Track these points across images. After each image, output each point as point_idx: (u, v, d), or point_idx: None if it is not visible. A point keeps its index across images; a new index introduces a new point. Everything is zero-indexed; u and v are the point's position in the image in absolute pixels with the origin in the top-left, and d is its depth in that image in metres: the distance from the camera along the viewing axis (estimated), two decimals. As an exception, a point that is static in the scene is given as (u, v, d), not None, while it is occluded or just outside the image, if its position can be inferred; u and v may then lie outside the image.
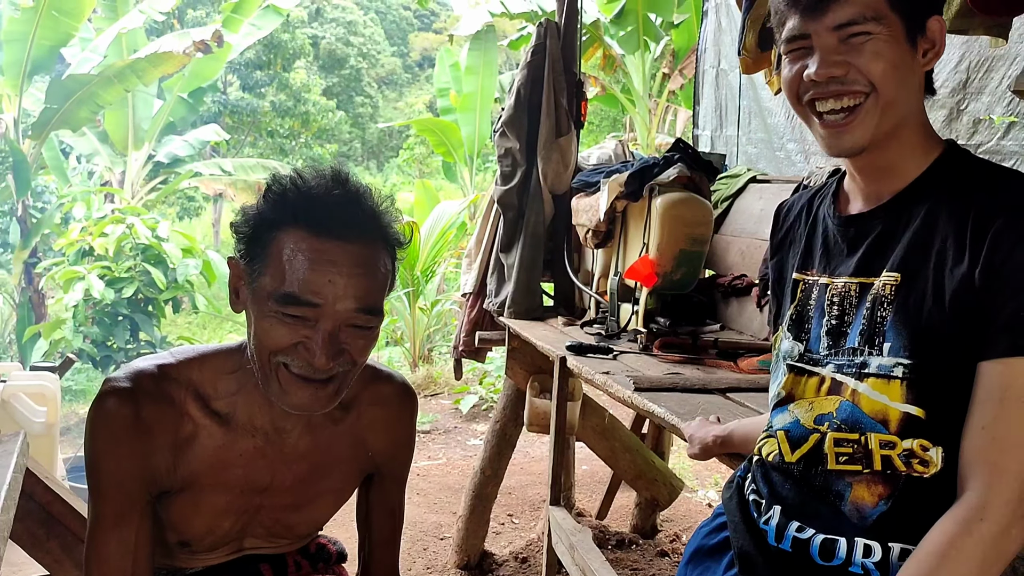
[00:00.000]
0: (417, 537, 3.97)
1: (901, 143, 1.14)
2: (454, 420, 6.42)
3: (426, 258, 8.00)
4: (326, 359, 1.16)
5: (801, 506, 1.16)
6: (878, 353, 1.10)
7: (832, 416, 1.14)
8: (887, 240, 1.14)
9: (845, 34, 1.10)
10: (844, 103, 1.11)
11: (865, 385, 1.11)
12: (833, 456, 1.13)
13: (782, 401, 1.24)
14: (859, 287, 1.16)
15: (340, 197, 1.19)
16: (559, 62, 3.46)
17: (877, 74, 1.09)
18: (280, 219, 1.17)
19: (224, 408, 1.28)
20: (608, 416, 3.62)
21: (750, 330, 2.90)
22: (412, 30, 30.87)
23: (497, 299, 3.51)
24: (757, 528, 1.22)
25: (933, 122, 2.63)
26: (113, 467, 1.22)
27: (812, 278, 1.25)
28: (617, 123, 14.35)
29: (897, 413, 1.08)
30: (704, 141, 4.43)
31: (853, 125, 1.11)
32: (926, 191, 1.13)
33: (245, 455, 1.29)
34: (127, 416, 1.21)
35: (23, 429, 2.23)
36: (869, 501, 1.10)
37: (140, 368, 1.26)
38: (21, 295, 8.04)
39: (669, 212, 2.69)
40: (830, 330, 1.19)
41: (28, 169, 7.71)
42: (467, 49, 10.39)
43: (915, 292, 1.08)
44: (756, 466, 1.27)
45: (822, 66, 1.11)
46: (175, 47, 7.62)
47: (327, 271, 1.15)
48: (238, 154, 15.27)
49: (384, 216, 1.23)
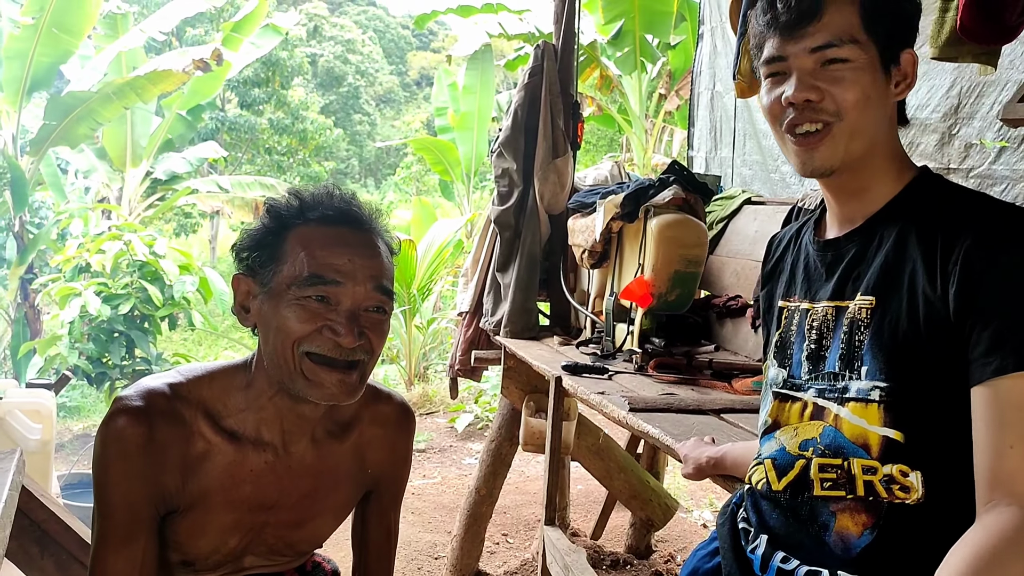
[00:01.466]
0: (412, 556, 3.96)
1: (872, 168, 1.16)
2: (449, 439, 6.42)
3: (423, 276, 8.01)
4: (352, 337, 1.20)
5: (787, 536, 1.17)
6: (856, 377, 1.11)
7: (816, 441, 1.15)
8: (859, 263, 1.16)
9: (822, 58, 1.12)
10: (817, 126, 1.13)
11: (846, 410, 1.12)
12: (818, 482, 1.13)
13: (769, 429, 1.25)
14: (835, 311, 1.17)
15: (340, 198, 1.30)
16: (556, 84, 3.49)
17: (849, 103, 1.11)
18: (288, 222, 1.26)
19: (234, 425, 1.30)
20: (603, 436, 3.62)
21: (745, 351, 2.92)
22: (410, 49, 31.06)
23: (493, 318, 3.53)
24: (744, 556, 1.22)
25: (925, 146, 2.68)
26: (123, 486, 1.22)
27: (794, 304, 1.26)
28: (614, 143, 14.41)
29: (876, 437, 1.08)
30: (699, 163, 4.46)
31: (823, 145, 1.13)
32: (897, 214, 1.14)
33: (255, 471, 1.30)
34: (139, 435, 1.21)
35: (19, 446, 2.23)
36: (854, 531, 1.09)
37: (151, 387, 1.26)
38: (17, 311, 8.02)
39: (664, 233, 2.72)
40: (810, 354, 1.19)
41: (26, 185, 7.72)
42: (465, 69, 10.45)
43: (889, 315, 1.09)
44: (747, 494, 1.28)
45: (798, 88, 1.13)
46: (174, 65, 7.66)
47: (344, 252, 1.23)
48: (236, 171, 15.29)
49: (379, 216, 1.33)
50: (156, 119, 9.31)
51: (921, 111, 2.70)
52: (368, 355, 1.26)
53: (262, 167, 16.34)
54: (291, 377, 1.23)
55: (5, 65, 7.70)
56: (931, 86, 2.68)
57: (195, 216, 14.54)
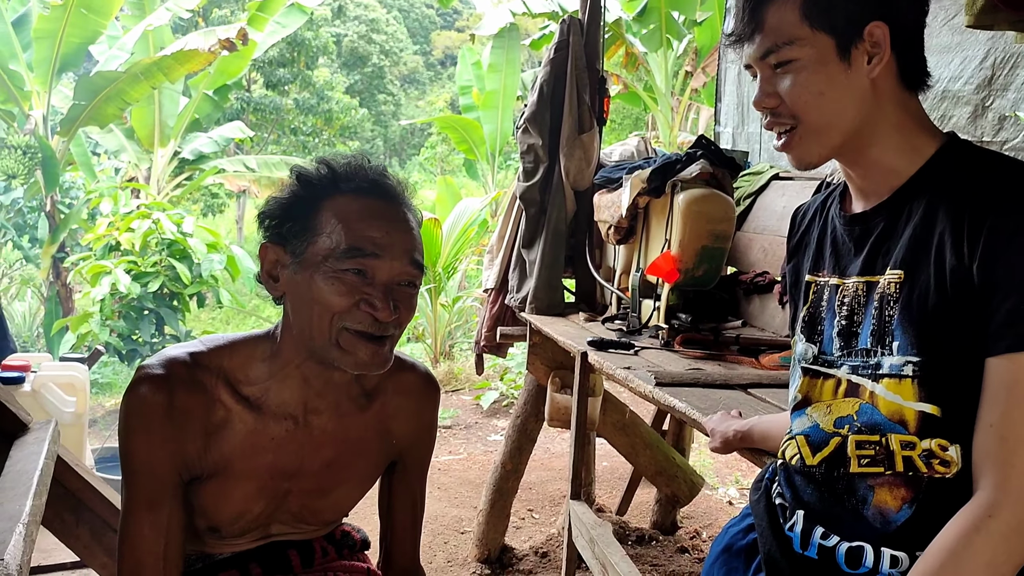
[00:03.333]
0: (438, 531, 4.00)
1: (877, 146, 1.14)
2: (475, 416, 6.45)
3: (447, 255, 8.03)
4: (388, 311, 1.21)
5: (823, 511, 1.16)
6: (888, 352, 1.10)
7: (853, 419, 1.13)
8: (888, 237, 1.14)
9: (772, 62, 1.13)
10: (781, 129, 1.16)
11: (881, 386, 1.10)
12: (856, 459, 1.12)
13: (799, 404, 1.24)
14: (866, 286, 1.15)
15: (371, 169, 1.29)
16: (582, 59, 3.47)
17: (801, 104, 1.11)
18: (321, 192, 1.26)
19: (255, 394, 1.31)
20: (629, 412, 3.62)
21: (771, 327, 2.90)
22: (435, 28, 30.95)
23: (519, 295, 3.53)
24: (783, 534, 1.21)
25: (957, 119, 2.64)
26: (146, 452, 1.25)
27: (823, 279, 1.25)
28: (639, 121, 14.32)
29: (913, 413, 1.07)
30: (726, 138, 4.42)
31: (793, 145, 1.16)
32: (924, 186, 1.12)
33: (276, 440, 1.32)
34: (160, 402, 1.23)
35: (54, 418, 2.27)
36: (893, 505, 1.09)
37: (172, 356, 1.28)
38: (49, 289, 8.16)
39: (691, 208, 2.70)
40: (841, 331, 1.18)
41: (56, 165, 7.81)
42: (490, 47, 10.41)
43: (918, 289, 1.07)
44: (780, 469, 1.27)
45: (757, 96, 1.16)
46: (201, 45, 7.69)
47: (382, 225, 1.24)
48: (261, 151, 15.38)
49: (408, 191, 1.33)
50: (183, 99, 9.37)
51: (953, 83, 2.66)
52: (398, 328, 1.27)
53: (287, 147, 16.43)
54: (325, 347, 1.24)
55: (35, 46, 7.78)
56: (964, 57, 2.64)
57: (222, 196, 14.66)
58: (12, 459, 1.84)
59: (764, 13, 1.12)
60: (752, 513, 1.33)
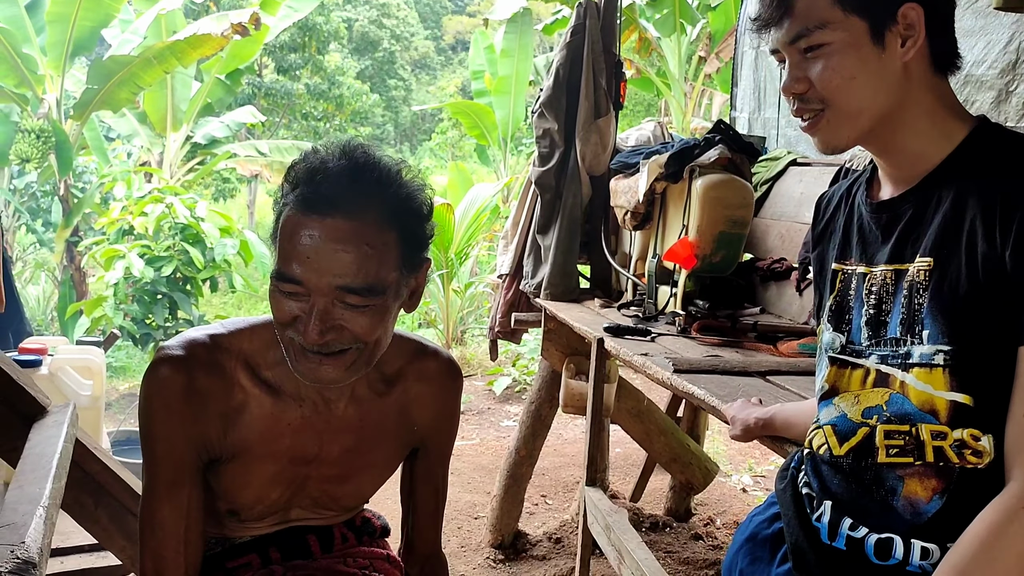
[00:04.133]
0: (451, 516, 4.00)
1: (907, 131, 1.12)
2: (488, 401, 6.46)
3: (460, 241, 8.01)
4: (316, 334, 1.15)
5: (851, 501, 1.15)
6: (919, 341, 1.08)
7: (882, 409, 1.12)
8: (918, 224, 1.12)
9: (802, 47, 1.11)
10: (808, 115, 1.14)
11: (911, 376, 1.09)
12: (884, 449, 1.11)
13: (827, 394, 1.22)
14: (894, 274, 1.14)
15: (336, 170, 1.16)
16: (598, 42, 3.44)
17: (831, 88, 1.09)
18: (284, 198, 1.19)
19: (273, 378, 1.30)
20: (645, 399, 3.62)
21: (789, 314, 2.88)
22: (446, 13, 30.81)
23: (533, 280, 3.52)
24: (810, 524, 1.20)
25: (981, 104, 2.61)
26: (166, 434, 1.24)
27: (851, 267, 1.23)
28: (652, 107, 14.25)
29: (944, 402, 1.05)
30: (742, 123, 4.38)
31: (819, 129, 1.14)
32: (955, 172, 1.10)
33: (293, 425, 1.31)
34: (180, 384, 1.23)
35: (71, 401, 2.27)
36: (923, 496, 1.07)
37: (193, 337, 1.28)
38: (63, 273, 8.18)
39: (710, 194, 2.68)
40: (869, 320, 1.16)
41: (70, 149, 7.82)
42: (502, 32, 10.34)
43: (949, 276, 1.05)
44: (807, 458, 1.26)
45: (787, 82, 1.14)
46: (213, 29, 7.66)
47: (305, 249, 1.14)
48: (273, 136, 15.36)
49: (390, 185, 1.19)
50: (195, 83, 9.35)
51: (977, 67, 2.61)
52: (355, 343, 1.19)
53: (298, 132, 16.39)
54: (286, 354, 1.23)
55: (48, 30, 7.77)
56: (988, 41, 2.59)
57: (233, 181, 14.67)
58: (31, 442, 1.85)
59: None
60: (778, 502, 1.31)
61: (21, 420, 1.98)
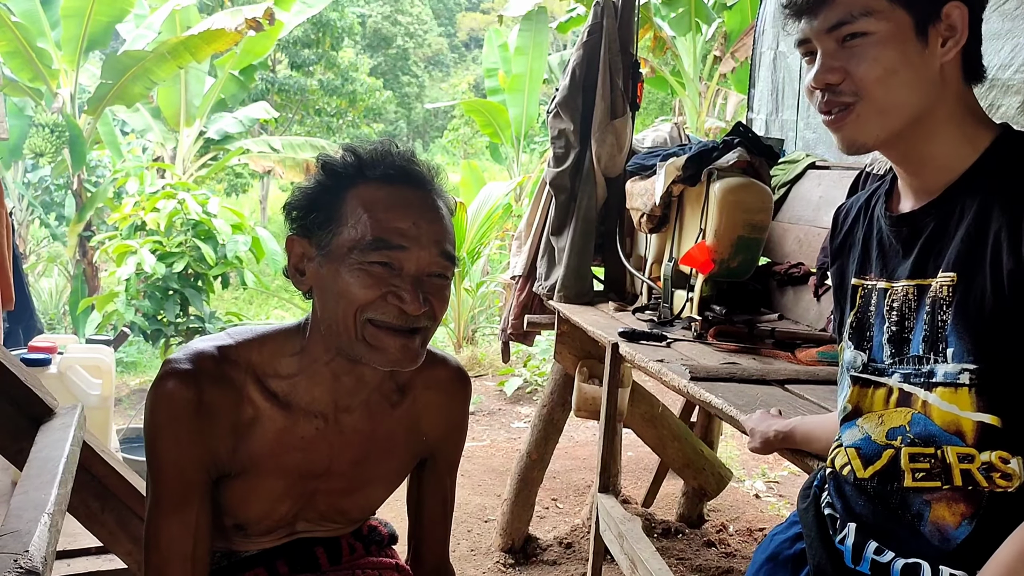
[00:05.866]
0: (461, 519, 3.97)
1: (934, 136, 1.08)
2: (498, 402, 6.42)
3: (472, 239, 7.98)
4: (417, 303, 1.16)
5: (877, 524, 1.11)
6: (943, 360, 1.04)
7: (905, 430, 1.08)
8: (940, 238, 1.07)
9: (840, 35, 1.06)
10: (838, 108, 1.08)
11: (934, 395, 1.04)
12: (910, 473, 1.06)
13: (849, 415, 1.18)
14: (917, 289, 1.09)
15: (399, 155, 1.23)
16: (615, 42, 3.40)
17: (869, 80, 1.04)
18: (346, 181, 1.20)
19: (284, 390, 1.26)
20: (660, 404, 3.57)
21: (806, 320, 2.83)
22: (460, 10, 30.80)
23: (547, 282, 3.48)
24: (833, 546, 1.16)
25: (1007, 109, 2.55)
26: (174, 450, 1.20)
27: (871, 283, 1.19)
28: (666, 106, 14.18)
29: (970, 423, 1.01)
30: (759, 125, 4.33)
31: (846, 123, 1.08)
32: (977, 182, 1.05)
33: (305, 439, 1.27)
34: (188, 399, 1.19)
35: (80, 401, 2.25)
36: (951, 521, 1.03)
37: (200, 349, 1.23)
38: (75, 267, 8.20)
39: (728, 197, 2.63)
40: (891, 337, 1.12)
41: (84, 143, 7.83)
42: (517, 29, 10.30)
43: (973, 292, 1.01)
44: (830, 478, 1.22)
45: (819, 72, 1.08)
46: (227, 24, 7.66)
47: (409, 215, 1.18)
48: (286, 132, 15.38)
49: (439, 177, 1.27)
50: (209, 79, 9.36)
51: (1003, 71, 2.56)
52: (431, 321, 1.21)
53: (312, 128, 16.41)
54: (351, 343, 1.19)
55: (63, 24, 7.78)
56: (1015, 44, 2.54)
57: (246, 176, 14.69)
58: (38, 445, 1.82)
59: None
60: (800, 522, 1.27)
61: (28, 421, 1.96)
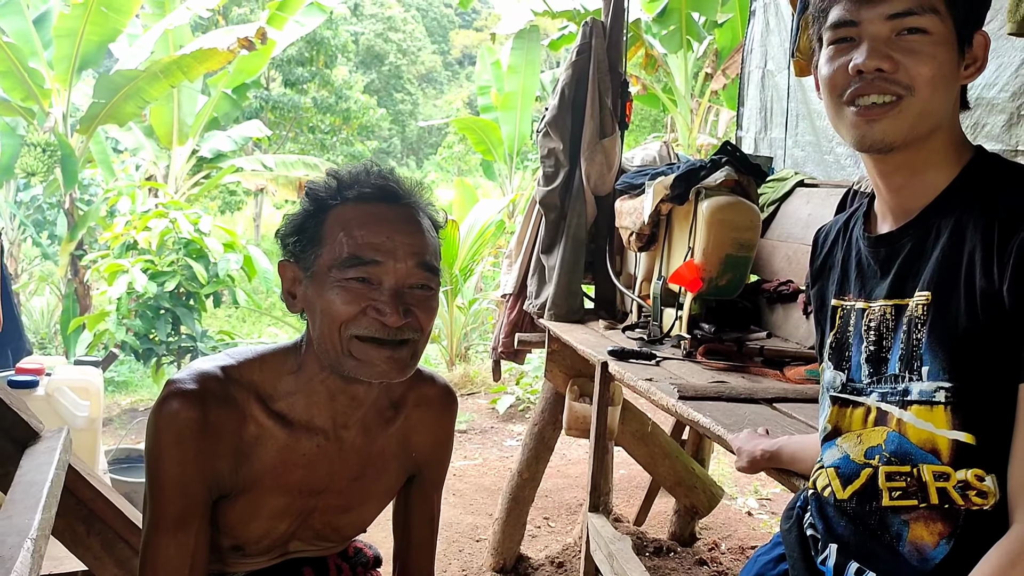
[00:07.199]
0: (453, 538, 3.95)
1: (931, 149, 1.09)
2: (491, 420, 6.41)
3: (464, 257, 7.99)
4: (396, 315, 1.18)
5: (858, 545, 1.11)
6: (918, 378, 1.05)
7: (882, 449, 1.09)
8: (917, 258, 1.09)
9: (899, 26, 1.05)
10: (886, 98, 1.06)
11: (909, 413, 1.05)
12: (887, 492, 1.07)
13: (829, 435, 1.19)
14: (894, 309, 1.10)
15: (377, 174, 1.26)
16: (604, 62, 3.42)
17: (923, 78, 1.04)
18: (326, 203, 1.23)
19: (285, 409, 1.28)
20: (651, 422, 3.57)
21: (796, 337, 2.84)
22: (453, 27, 30.94)
23: (537, 301, 3.48)
24: (816, 567, 1.17)
25: (991, 127, 2.57)
26: (177, 470, 1.20)
27: (850, 303, 1.20)
28: (658, 123, 14.24)
29: (946, 441, 1.02)
30: (748, 143, 4.35)
31: (887, 118, 1.06)
32: (953, 203, 1.07)
33: (307, 456, 1.29)
34: (193, 419, 1.19)
35: (67, 424, 2.25)
36: (929, 541, 1.03)
37: (204, 370, 1.24)
38: (67, 286, 8.18)
39: (716, 216, 2.64)
40: (869, 357, 1.13)
41: (76, 162, 7.83)
42: (509, 47, 10.36)
43: (948, 311, 1.02)
44: (812, 499, 1.22)
45: (871, 56, 1.05)
46: (220, 44, 7.68)
47: (383, 229, 1.20)
48: (280, 150, 15.40)
49: (420, 190, 1.29)
50: (202, 98, 9.37)
51: (988, 90, 2.58)
52: (417, 333, 1.23)
53: (305, 146, 16.44)
54: (339, 359, 1.21)
55: (56, 43, 7.80)
56: (999, 64, 2.56)
57: (239, 194, 14.69)
58: (23, 469, 1.81)
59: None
60: (784, 544, 1.28)
61: (13, 445, 1.95)
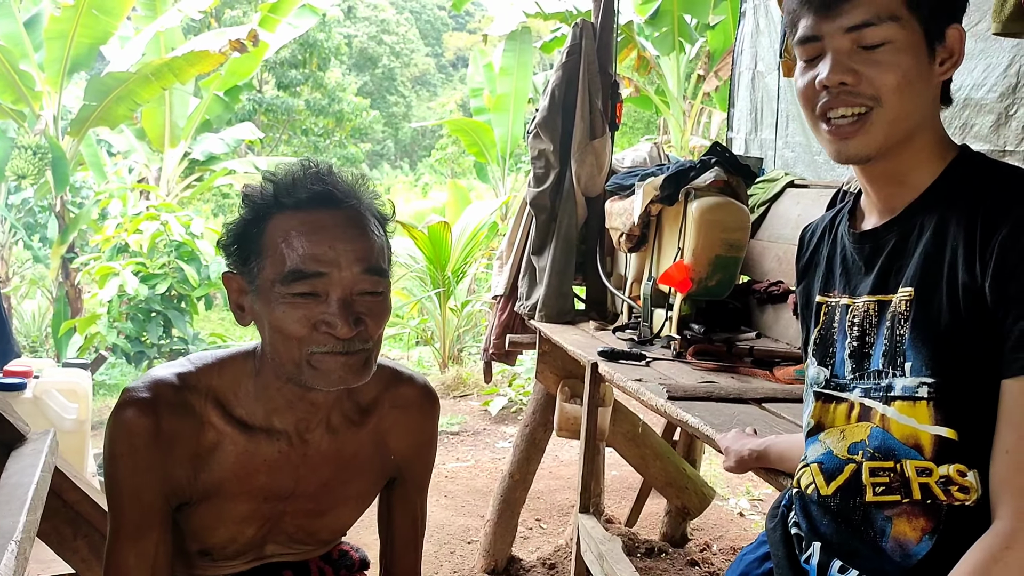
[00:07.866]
0: (444, 540, 3.94)
1: (913, 152, 1.09)
2: (483, 422, 6.40)
3: (457, 258, 7.98)
4: (348, 327, 1.14)
5: (841, 543, 1.11)
6: (901, 374, 1.05)
7: (865, 444, 1.09)
8: (901, 254, 1.09)
9: (860, 37, 1.05)
10: (854, 110, 1.06)
11: (892, 409, 1.06)
12: (870, 487, 1.07)
13: (813, 431, 1.19)
14: (878, 305, 1.11)
15: (313, 175, 1.20)
16: (594, 63, 3.42)
17: (889, 87, 1.04)
18: (264, 211, 1.18)
19: (245, 414, 1.26)
20: (641, 423, 3.57)
21: (786, 338, 2.84)
22: (446, 30, 30.94)
23: (528, 302, 3.48)
24: (799, 566, 1.17)
25: (980, 128, 2.58)
26: (132, 479, 1.19)
27: (834, 300, 1.20)
28: (651, 125, 14.25)
29: (928, 436, 1.02)
30: (738, 144, 4.35)
31: (860, 133, 1.06)
32: (937, 200, 1.07)
33: (269, 461, 1.27)
34: (147, 427, 1.18)
35: (54, 426, 2.24)
36: (912, 537, 1.04)
37: (159, 377, 1.23)
38: (58, 289, 8.14)
39: (705, 217, 2.64)
40: (852, 352, 1.14)
41: (67, 165, 7.79)
42: (501, 49, 10.36)
43: (931, 306, 1.03)
44: (796, 497, 1.23)
45: (833, 71, 1.06)
46: (212, 46, 7.65)
47: (324, 238, 1.15)
48: (273, 152, 15.38)
49: (362, 188, 1.24)
50: (194, 100, 9.35)
51: (976, 91, 2.59)
52: (369, 343, 1.19)
53: (298, 148, 16.42)
54: (298, 371, 1.18)
55: (46, 46, 7.76)
56: (988, 64, 2.57)
57: (232, 197, 14.64)
58: (8, 471, 1.80)
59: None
60: (768, 542, 1.28)
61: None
